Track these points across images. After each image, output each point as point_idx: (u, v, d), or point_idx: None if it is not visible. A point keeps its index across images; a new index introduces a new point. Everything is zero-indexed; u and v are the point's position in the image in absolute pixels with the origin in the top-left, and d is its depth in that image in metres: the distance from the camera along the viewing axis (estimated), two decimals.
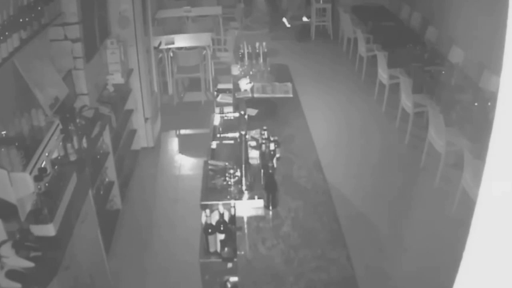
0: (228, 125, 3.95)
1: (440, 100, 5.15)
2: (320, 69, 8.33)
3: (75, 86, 4.36)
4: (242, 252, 2.65)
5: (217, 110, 4.21)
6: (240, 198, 3.05)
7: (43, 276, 2.60)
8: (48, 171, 3.11)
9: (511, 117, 0.75)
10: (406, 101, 5.77)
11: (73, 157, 3.59)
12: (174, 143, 6.31)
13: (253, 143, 3.48)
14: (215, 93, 4.81)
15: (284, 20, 10.50)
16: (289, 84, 4.69)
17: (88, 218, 3.56)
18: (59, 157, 3.48)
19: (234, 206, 2.94)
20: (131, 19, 5.27)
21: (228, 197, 3.06)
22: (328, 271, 2.48)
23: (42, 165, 3.08)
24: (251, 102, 4.34)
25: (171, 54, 7.17)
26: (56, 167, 3.28)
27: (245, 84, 4.60)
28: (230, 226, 2.83)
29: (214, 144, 3.69)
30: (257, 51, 5.05)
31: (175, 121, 6.73)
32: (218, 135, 3.83)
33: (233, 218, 2.89)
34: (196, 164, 5.51)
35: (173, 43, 7.19)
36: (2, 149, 2.78)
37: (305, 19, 10.20)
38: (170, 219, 4.74)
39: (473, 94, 5.04)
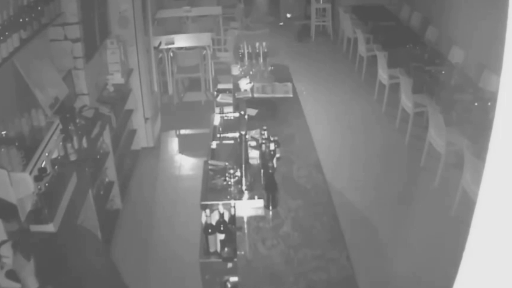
0: (228, 125, 3.95)
1: (440, 100, 5.15)
2: (320, 69, 8.33)
3: (75, 86, 4.36)
4: (242, 252, 2.65)
5: (217, 110, 4.21)
6: (240, 198, 3.05)
7: None
8: (48, 171, 3.11)
9: (511, 117, 0.75)
10: (406, 101, 5.77)
11: (73, 157, 3.59)
12: (174, 143, 6.30)
13: (253, 143, 3.48)
14: (215, 93, 4.81)
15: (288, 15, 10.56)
16: (289, 84, 4.68)
17: (88, 218, 3.56)
18: (59, 157, 3.49)
19: (234, 206, 2.94)
20: (131, 19, 5.27)
21: (228, 197, 3.06)
22: (328, 271, 2.48)
23: (42, 165, 3.08)
24: (251, 102, 4.34)
25: (171, 54, 7.17)
26: (56, 167, 3.29)
27: (245, 84, 4.60)
28: (230, 226, 2.83)
29: (214, 144, 3.68)
30: (257, 51, 5.05)
31: (175, 121, 6.73)
32: (218, 135, 3.83)
33: (233, 218, 2.89)
34: (196, 164, 5.51)
35: (173, 43, 7.19)
36: (2, 149, 2.79)
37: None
38: (170, 219, 4.73)
39: (473, 94, 5.04)
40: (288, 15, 10.08)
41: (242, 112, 3.54)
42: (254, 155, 3.36)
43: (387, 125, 6.32)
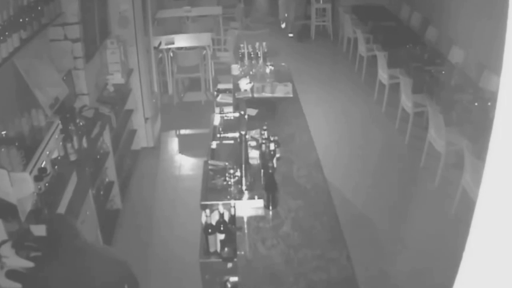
0: (228, 125, 3.95)
1: (440, 100, 5.15)
2: (320, 69, 8.33)
3: (75, 86, 4.36)
4: (242, 252, 2.65)
5: (217, 110, 4.21)
6: (240, 198, 3.05)
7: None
8: (48, 171, 3.11)
9: (511, 117, 0.75)
10: (406, 101, 5.77)
11: (73, 157, 3.59)
12: (174, 143, 6.30)
13: (253, 143, 3.48)
14: (215, 93, 4.81)
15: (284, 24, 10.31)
16: (289, 84, 4.69)
17: (88, 218, 3.56)
18: (59, 157, 3.49)
19: (234, 206, 2.94)
20: (131, 19, 5.27)
21: (228, 197, 3.06)
22: (328, 271, 2.48)
23: (42, 165, 3.08)
24: (251, 102, 4.35)
25: (171, 54, 7.17)
26: (56, 167, 3.29)
27: (245, 84, 4.61)
28: (230, 226, 2.83)
29: (214, 144, 3.69)
30: (257, 51, 5.05)
31: (175, 121, 6.73)
32: (218, 135, 3.83)
33: (233, 218, 2.89)
34: (196, 164, 5.51)
35: (173, 43, 7.19)
36: (2, 149, 2.79)
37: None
38: (170, 219, 4.73)
39: (473, 94, 5.04)
40: (290, 35, 9.96)
41: (242, 112, 3.54)
42: (254, 155, 3.36)
43: (387, 125, 6.32)
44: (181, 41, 7.40)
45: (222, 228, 2.76)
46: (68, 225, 2.44)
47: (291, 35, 10.03)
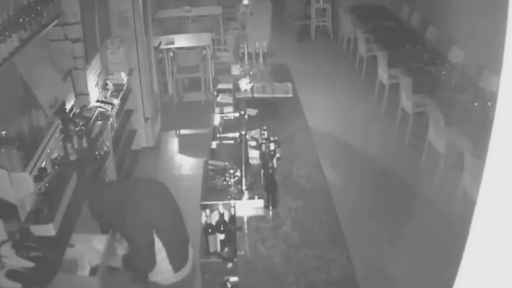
0: (228, 125, 3.95)
1: (440, 100, 5.15)
2: (320, 69, 8.32)
3: (75, 86, 4.36)
4: (242, 252, 2.65)
5: (217, 110, 4.21)
6: (240, 198, 3.05)
7: (43, 276, 2.61)
8: (48, 171, 3.11)
9: (511, 117, 0.75)
10: (406, 101, 5.77)
11: (73, 157, 3.59)
12: (174, 143, 6.30)
13: (253, 143, 3.48)
14: (215, 93, 4.82)
15: None
16: (289, 84, 4.69)
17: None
18: (59, 157, 3.49)
19: (234, 206, 2.94)
20: (131, 19, 5.27)
21: (228, 197, 3.06)
22: (328, 271, 2.48)
23: (42, 165, 3.08)
24: (251, 102, 4.35)
25: (171, 54, 7.17)
26: (56, 167, 3.29)
27: (245, 84, 4.61)
28: (230, 226, 2.83)
29: (214, 144, 3.69)
30: (257, 51, 5.05)
31: (175, 121, 6.73)
32: (218, 135, 3.83)
33: (233, 218, 2.90)
34: (196, 164, 5.51)
35: (173, 43, 7.19)
36: (2, 149, 2.79)
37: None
38: None
39: (473, 94, 5.04)
40: None
41: (242, 112, 3.54)
42: (254, 155, 3.36)
43: (387, 125, 6.32)
44: (181, 41, 7.40)
45: (222, 228, 2.77)
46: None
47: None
